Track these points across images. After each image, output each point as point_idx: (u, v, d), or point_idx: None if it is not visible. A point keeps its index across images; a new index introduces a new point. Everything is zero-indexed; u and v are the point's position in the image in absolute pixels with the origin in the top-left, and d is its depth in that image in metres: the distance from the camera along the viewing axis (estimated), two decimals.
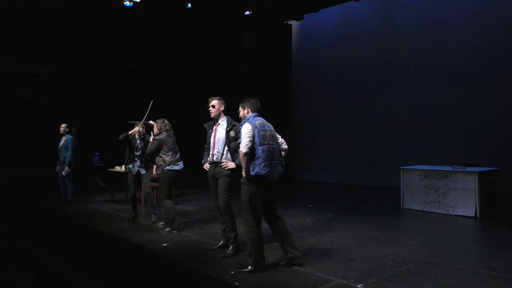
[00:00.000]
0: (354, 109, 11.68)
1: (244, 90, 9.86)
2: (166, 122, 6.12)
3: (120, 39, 11.11)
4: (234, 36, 13.09)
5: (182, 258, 4.69)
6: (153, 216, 6.64)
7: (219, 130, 4.82)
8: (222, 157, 4.74)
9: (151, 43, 11.65)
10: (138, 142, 6.66)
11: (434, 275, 3.96)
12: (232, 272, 4.09)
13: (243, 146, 3.96)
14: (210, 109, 4.88)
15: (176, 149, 6.00)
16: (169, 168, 5.87)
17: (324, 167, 12.43)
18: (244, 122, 4.13)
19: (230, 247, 4.71)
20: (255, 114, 4.20)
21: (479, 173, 6.79)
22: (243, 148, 3.95)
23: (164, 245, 5.23)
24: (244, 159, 3.97)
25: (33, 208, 8.58)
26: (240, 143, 4.05)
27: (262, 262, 4.11)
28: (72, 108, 10.42)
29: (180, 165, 5.97)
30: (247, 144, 3.95)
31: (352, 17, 11.96)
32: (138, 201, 7.36)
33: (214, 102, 4.87)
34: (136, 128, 6.58)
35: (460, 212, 6.86)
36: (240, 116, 4.35)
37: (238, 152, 4.09)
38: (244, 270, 4.06)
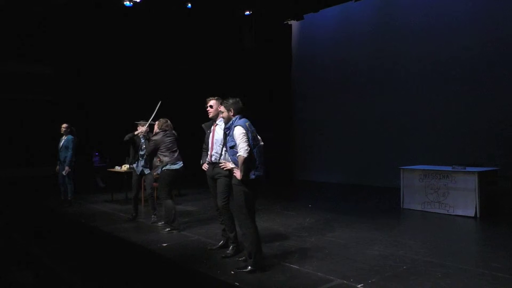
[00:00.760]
0: (354, 109, 11.66)
1: (244, 90, 9.86)
2: (168, 122, 6.11)
3: (120, 39, 11.11)
4: (234, 36, 13.09)
5: (182, 258, 4.69)
6: (153, 216, 6.64)
7: (217, 131, 4.78)
8: (221, 157, 4.71)
9: (151, 43, 11.64)
10: (142, 141, 6.64)
11: (434, 275, 3.96)
12: (232, 272, 4.09)
13: (243, 151, 3.92)
14: (208, 109, 4.86)
15: (174, 148, 5.98)
16: (167, 168, 5.87)
17: (324, 167, 12.41)
18: (234, 125, 4.07)
19: (230, 247, 4.71)
20: (241, 116, 4.16)
21: (479, 173, 6.79)
22: (244, 153, 3.92)
23: (164, 245, 5.24)
24: (244, 163, 3.94)
25: (33, 208, 8.57)
26: (235, 147, 3.99)
27: (262, 262, 4.12)
28: (72, 108, 10.41)
29: (179, 164, 5.96)
30: (246, 148, 3.93)
31: (352, 17, 11.95)
32: (139, 201, 7.36)
33: (212, 102, 4.84)
34: (141, 128, 6.53)
35: (460, 212, 6.86)
36: (222, 116, 4.28)
37: (237, 157, 3.99)
38: (244, 270, 4.07)
